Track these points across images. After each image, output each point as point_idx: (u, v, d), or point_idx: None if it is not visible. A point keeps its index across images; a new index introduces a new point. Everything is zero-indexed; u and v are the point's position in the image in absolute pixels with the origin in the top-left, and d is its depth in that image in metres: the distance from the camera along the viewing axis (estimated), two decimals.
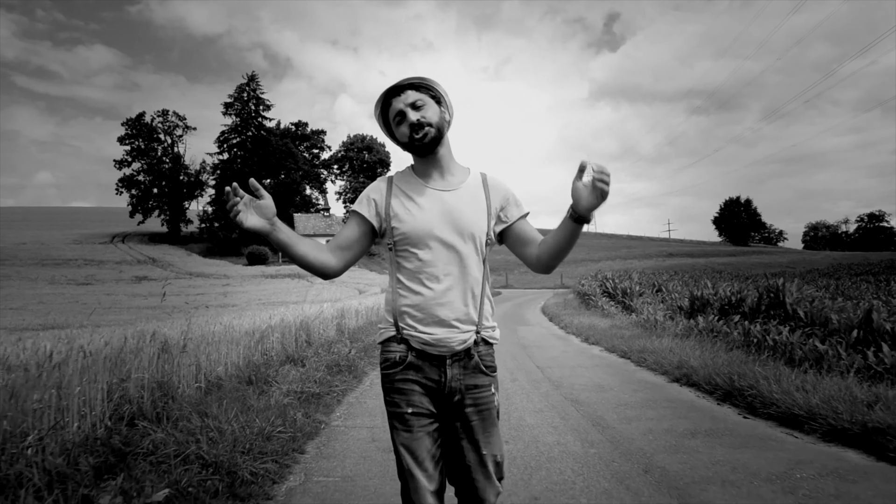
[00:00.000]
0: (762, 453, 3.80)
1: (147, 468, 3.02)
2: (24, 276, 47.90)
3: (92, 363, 3.67)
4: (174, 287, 42.12)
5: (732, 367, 6.01)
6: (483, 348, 1.84)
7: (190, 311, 21.82)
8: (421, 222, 1.79)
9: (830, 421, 4.16)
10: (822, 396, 4.55)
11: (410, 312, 1.78)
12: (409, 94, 1.83)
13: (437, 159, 1.86)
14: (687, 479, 3.34)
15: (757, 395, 5.04)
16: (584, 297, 21.21)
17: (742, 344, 7.91)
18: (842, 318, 7.53)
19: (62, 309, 27.55)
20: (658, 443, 4.09)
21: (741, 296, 10.31)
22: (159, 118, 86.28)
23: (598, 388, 6.24)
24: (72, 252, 66.73)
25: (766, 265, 59.07)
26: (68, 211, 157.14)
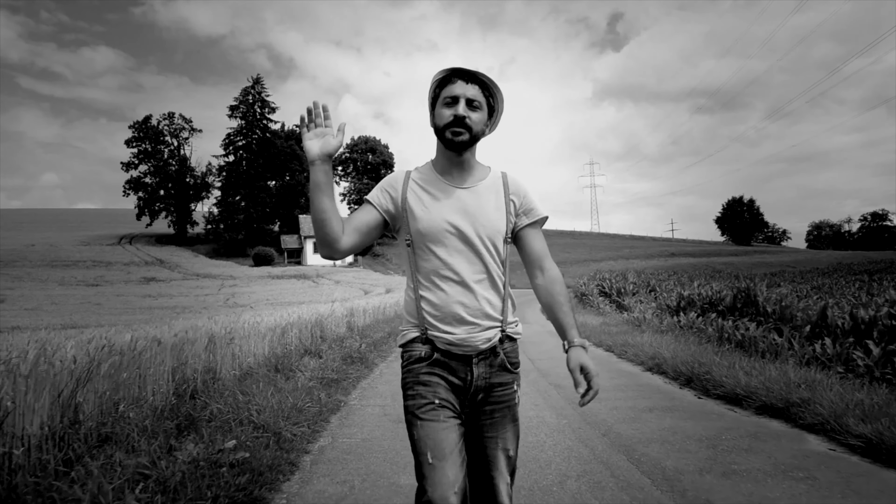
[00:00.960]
0: (701, 422, 4.68)
1: (212, 429, 3.91)
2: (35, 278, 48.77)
3: (160, 350, 4.57)
4: (182, 287, 43.11)
5: (695, 357, 6.89)
6: (508, 345, 1.84)
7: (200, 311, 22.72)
8: (437, 219, 1.78)
9: (762, 398, 5.03)
10: (762, 379, 5.43)
11: (432, 312, 1.78)
12: (474, 88, 1.81)
13: (460, 159, 1.85)
14: (635, 440, 4.22)
15: (710, 379, 5.92)
16: (582, 296, 22.06)
17: (716, 338, 8.79)
18: (803, 315, 8.39)
19: (76, 309, 28.46)
20: (619, 416, 4.97)
21: (720, 295, 11.19)
22: (165, 121, 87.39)
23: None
24: (80, 254, 67.58)
25: (767, 265, 59.69)
26: (75, 212, 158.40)
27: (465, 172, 1.86)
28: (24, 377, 3.22)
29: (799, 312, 8.62)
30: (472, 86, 1.80)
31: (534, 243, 1.90)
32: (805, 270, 44.28)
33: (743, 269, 48.10)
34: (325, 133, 1.75)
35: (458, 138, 1.77)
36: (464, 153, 1.83)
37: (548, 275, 1.90)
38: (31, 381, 3.22)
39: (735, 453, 3.86)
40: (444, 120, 1.78)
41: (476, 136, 1.81)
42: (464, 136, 1.77)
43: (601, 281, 22.68)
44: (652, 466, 3.61)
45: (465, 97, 1.78)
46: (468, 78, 1.81)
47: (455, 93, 1.78)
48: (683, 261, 69.38)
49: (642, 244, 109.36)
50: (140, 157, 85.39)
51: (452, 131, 1.77)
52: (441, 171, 1.87)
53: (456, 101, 1.78)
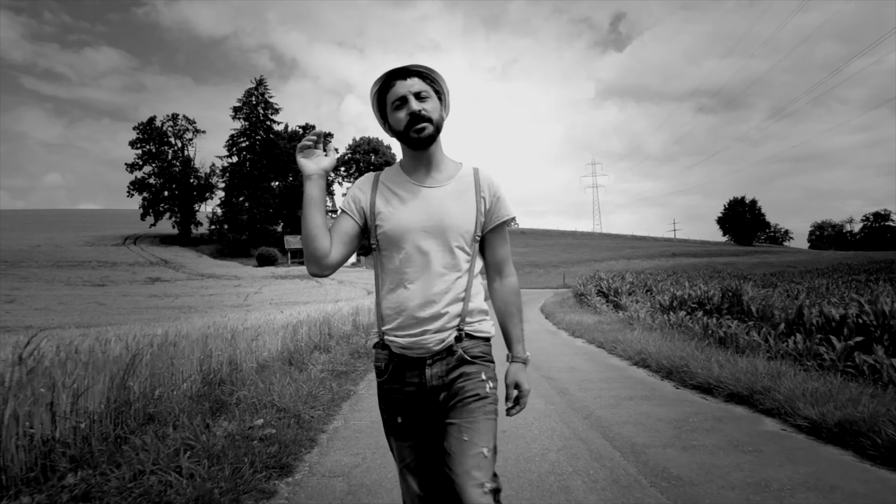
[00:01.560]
0: (674, 408, 5.23)
1: (240, 410, 4.47)
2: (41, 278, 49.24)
3: (189, 343, 5.13)
4: (187, 287, 43.67)
5: (676, 352, 7.44)
6: (468, 343, 1.77)
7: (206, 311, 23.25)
8: (402, 221, 1.76)
9: (731, 387, 5.58)
10: (732, 371, 5.97)
11: (391, 315, 1.76)
12: (415, 82, 1.79)
13: (427, 156, 1.82)
14: (612, 422, 4.77)
15: (687, 371, 6.47)
16: (581, 296, 22.59)
17: (701, 335, 9.33)
18: (780, 314, 8.93)
19: (83, 309, 29.02)
20: (602, 403, 5.52)
21: (708, 295, 11.74)
22: (169, 122, 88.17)
23: (571, 369, 7.66)
24: (85, 254, 68.21)
25: (768, 265, 60.12)
26: (79, 213, 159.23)
27: (433, 170, 1.84)
28: (83, 363, 3.79)
29: (777, 311, 9.17)
30: (412, 80, 1.79)
31: (498, 246, 1.88)
32: (805, 270, 44.65)
33: (744, 270, 48.58)
34: (317, 154, 1.80)
35: (422, 134, 1.76)
36: (430, 148, 1.80)
37: (507, 282, 1.90)
38: (90, 366, 3.79)
39: (697, 432, 4.41)
40: (402, 122, 1.77)
41: (438, 125, 1.79)
42: (428, 129, 1.76)
43: (599, 281, 23.21)
44: (623, 442, 4.16)
45: (412, 92, 1.77)
46: (405, 75, 1.79)
47: (400, 93, 1.77)
48: (685, 261, 69.82)
49: (644, 244, 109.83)
50: (144, 159, 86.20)
51: (415, 129, 1.75)
52: (409, 170, 1.85)
53: (405, 101, 1.76)
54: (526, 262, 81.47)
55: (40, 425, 3.13)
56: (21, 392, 3.06)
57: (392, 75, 1.79)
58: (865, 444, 3.76)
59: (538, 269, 75.66)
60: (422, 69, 1.80)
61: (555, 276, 64.08)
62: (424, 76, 1.81)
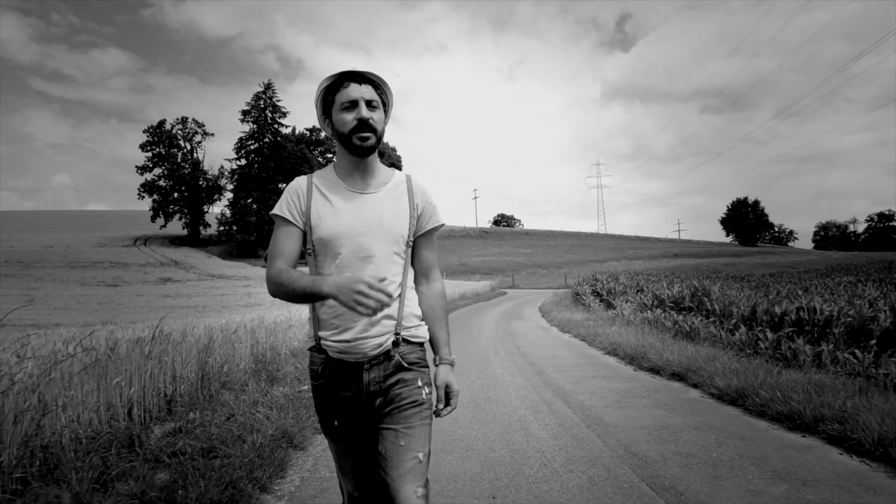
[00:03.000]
0: (625, 384, 6.61)
1: (288, 381, 5.87)
2: (56, 279, 50.42)
3: (244, 332, 6.54)
4: (198, 288, 45.02)
5: (640, 342, 8.82)
6: (405, 348, 1.79)
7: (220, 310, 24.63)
8: (337, 226, 1.76)
9: (674, 368, 6.96)
10: (678, 356, 7.35)
11: (327, 320, 1.76)
12: (368, 89, 1.79)
13: (364, 162, 1.82)
14: (573, 392, 6.15)
15: (644, 357, 7.85)
16: (577, 296, 23.96)
17: (672, 329, 10.69)
18: (737, 311, 10.29)
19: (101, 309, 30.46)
20: (569, 380, 6.90)
21: (681, 295, 13.09)
22: (179, 125, 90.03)
23: (553, 357, 9.04)
24: (97, 255, 69.57)
25: (768, 265, 61.24)
26: (89, 214, 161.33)
27: (368, 176, 1.84)
28: (177, 344, 5.20)
29: (735, 309, 10.52)
30: (366, 86, 1.79)
31: (426, 252, 1.91)
32: (803, 271, 45.67)
33: (744, 270, 49.70)
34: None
35: (366, 143, 1.76)
36: (369, 156, 1.81)
37: (433, 286, 1.93)
38: (182, 346, 5.20)
39: (634, 398, 5.79)
40: (348, 126, 1.76)
41: (380, 137, 1.81)
42: (371, 140, 1.77)
43: (594, 282, 24.57)
44: (577, 405, 5.54)
45: (364, 99, 1.77)
46: (360, 79, 1.79)
47: (352, 96, 1.76)
48: (686, 262, 70.89)
49: (647, 245, 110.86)
50: (154, 161, 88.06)
51: (360, 136, 1.76)
52: (343, 175, 1.84)
53: (355, 105, 1.76)
54: (530, 262, 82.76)
55: (162, 383, 4.53)
56: (147, 362, 4.46)
57: (348, 76, 1.80)
58: (749, 403, 5.14)
59: (541, 269, 76.89)
60: (375, 78, 1.82)
61: (557, 276, 65.26)
62: (376, 86, 1.83)
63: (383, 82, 1.84)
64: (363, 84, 1.79)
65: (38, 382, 3.19)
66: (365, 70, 1.80)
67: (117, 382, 3.97)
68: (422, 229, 1.89)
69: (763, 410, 4.92)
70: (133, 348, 4.33)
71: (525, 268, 77.20)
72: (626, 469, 3.64)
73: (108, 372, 3.96)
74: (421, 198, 1.89)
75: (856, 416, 4.14)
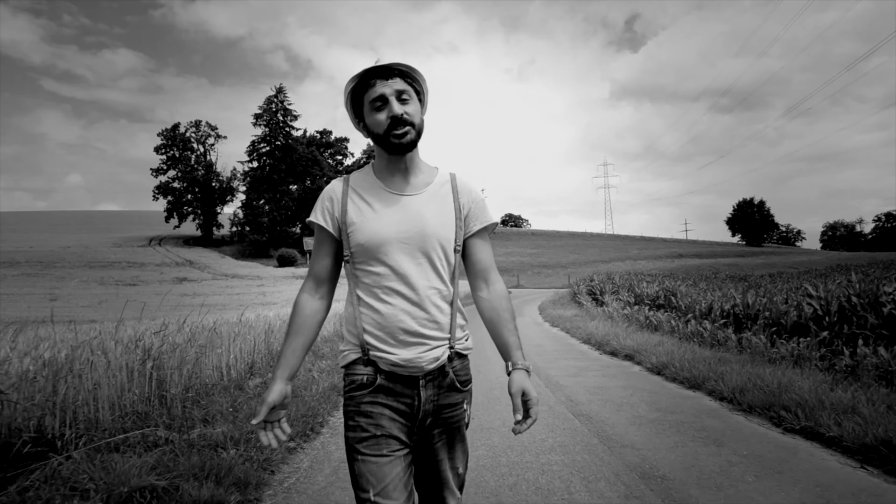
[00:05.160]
0: (587, 362, 8.47)
1: (330, 358, 7.76)
2: (76, 278, 52.34)
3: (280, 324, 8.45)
4: (214, 287, 46.84)
5: (609, 333, 10.67)
6: (457, 363, 1.71)
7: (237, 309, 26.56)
8: (378, 231, 1.64)
9: (628, 351, 8.81)
10: (633, 342, 9.19)
11: (374, 332, 1.63)
12: (396, 82, 1.66)
13: (404, 161, 1.71)
14: (546, 368, 8.00)
15: (608, 343, 9.71)
16: (575, 295, 25.79)
17: (644, 323, 12.53)
18: (698, 307, 12.11)
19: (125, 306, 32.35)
20: (545, 361, 8.76)
21: (655, 293, 14.93)
22: (192, 128, 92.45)
23: (538, 345, 10.91)
24: (114, 255, 71.46)
25: (770, 265, 62.54)
26: (102, 214, 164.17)
27: (410, 176, 1.73)
28: (251, 327, 7.10)
29: (697, 305, 12.34)
30: (393, 80, 1.66)
31: (481, 252, 1.78)
32: (804, 271, 46.99)
33: (745, 270, 51.04)
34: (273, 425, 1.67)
35: (404, 139, 1.65)
36: (408, 154, 1.70)
37: (493, 288, 1.79)
38: (253, 330, 7.09)
39: (589, 371, 7.65)
40: (382, 126, 1.65)
41: (420, 129, 1.68)
42: (410, 135, 1.66)
43: (590, 282, 26.39)
44: (544, 376, 7.40)
45: (394, 93, 1.65)
46: (386, 74, 1.66)
47: (381, 92, 1.64)
48: (689, 262, 72.18)
49: (652, 245, 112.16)
50: (168, 164, 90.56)
51: (396, 135, 1.64)
52: (382, 177, 1.73)
53: (385, 102, 1.65)
54: (535, 262, 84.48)
55: (247, 353, 6.43)
56: (237, 339, 6.35)
57: (371, 73, 1.67)
58: (667, 373, 7.00)
59: (547, 269, 78.54)
60: (404, 67, 1.68)
61: (562, 276, 66.81)
62: (405, 75, 1.69)
63: (412, 70, 1.70)
64: (390, 78, 1.66)
65: (187, 348, 5.10)
66: (390, 62, 1.67)
67: (218, 353, 5.88)
68: (471, 230, 1.76)
69: (675, 377, 6.77)
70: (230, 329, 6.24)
71: (531, 268, 78.88)
72: (563, 408, 5.50)
73: (214, 345, 5.87)
74: (467, 197, 1.77)
75: (725, 376, 5.99)
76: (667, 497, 3.21)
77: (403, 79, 1.68)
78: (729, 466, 3.70)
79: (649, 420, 4.97)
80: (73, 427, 3.48)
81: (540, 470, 3.71)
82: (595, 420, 5.00)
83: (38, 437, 3.25)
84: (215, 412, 4.44)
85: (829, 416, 4.32)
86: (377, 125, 1.67)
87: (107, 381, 3.91)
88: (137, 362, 4.34)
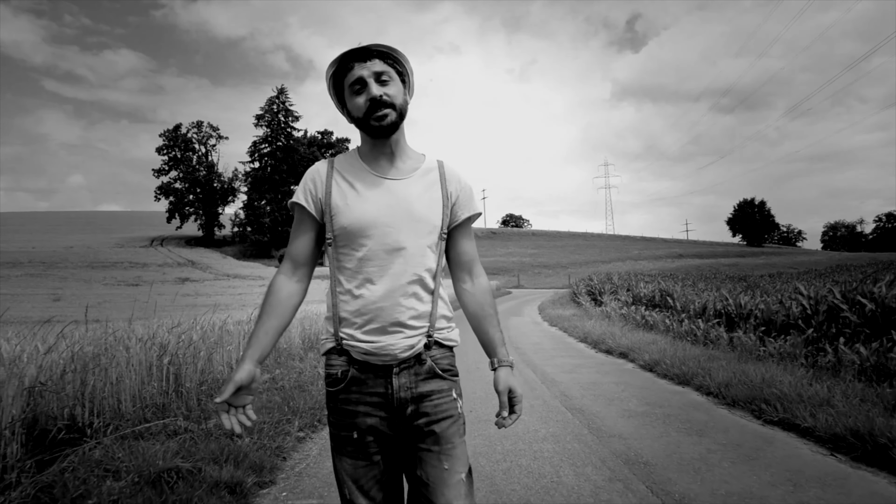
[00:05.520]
0: (582, 360, 8.75)
1: None
2: (79, 278, 52.44)
3: (296, 321, 8.73)
4: (216, 287, 47.13)
5: (605, 332, 10.95)
6: (437, 352, 1.64)
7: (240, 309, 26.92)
8: (362, 215, 1.59)
9: (622, 350, 9.08)
10: (627, 341, 9.47)
11: (350, 319, 1.59)
12: (375, 63, 1.61)
13: (389, 144, 1.66)
14: (541, 365, 8.28)
15: (603, 342, 9.99)
16: (574, 295, 26.07)
17: (640, 322, 12.81)
18: (693, 307, 12.38)
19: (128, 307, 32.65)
20: (542, 358, 9.04)
21: (653, 293, 15.20)
22: (194, 129, 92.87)
23: (536, 343, 11.19)
24: (117, 255, 71.83)
25: (770, 266, 62.83)
26: (104, 215, 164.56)
27: (397, 160, 1.69)
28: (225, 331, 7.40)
29: (692, 305, 12.62)
30: (372, 61, 1.61)
31: (465, 243, 1.75)
32: (802, 271, 47.22)
33: (745, 271, 51.33)
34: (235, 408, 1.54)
35: (384, 121, 1.60)
36: (392, 135, 1.65)
37: (478, 282, 1.76)
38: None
39: (584, 368, 7.93)
40: (362, 109, 1.61)
41: (402, 110, 1.64)
42: (391, 116, 1.60)
43: (589, 282, 26.67)
44: (540, 372, 7.67)
45: (372, 75, 1.60)
46: (364, 56, 1.62)
47: (359, 74, 1.60)
48: (689, 262, 72.43)
49: (653, 246, 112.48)
50: (170, 164, 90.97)
51: (375, 117, 1.59)
52: (368, 160, 1.68)
53: (364, 84, 1.60)
54: (536, 263, 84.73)
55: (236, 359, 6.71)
56: (220, 342, 6.63)
57: (349, 57, 1.62)
58: (658, 370, 7.28)
59: (547, 269, 78.82)
60: (383, 48, 1.63)
61: (562, 276, 67.08)
62: (386, 56, 1.64)
63: (392, 50, 1.65)
64: (369, 60, 1.62)
65: (200, 344, 5.39)
66: (368, 43, 1.62)
67: (228, 350, 6.16)
68: (457, 219, 1.72)
69: (666, 373, 7.05)
70: (237, 327, 6.52)
71: (531, 268, 79.14)
72: (557, 402, 5.78)
73: (224, 342, 6.15)
74: (455, 185, 1.73)
75: (713, 372, 6.27)
76: (647, 480, 3.49)
77: (383, 60, 1.64)
78: (708, 454, 3.98)
79: (638, 413, 5.24)
80: (101, 416, 3.77)
81: (532, 457, 3.99)
82: (587, 413, 5.27)
83: (71, 424, 3.54)
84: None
85: (805, 409, 4.60)
86: (357, 109, 1.63)
87: (128, 376, 4.20)
88: (155, 358, 4.62)
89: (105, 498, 2.78)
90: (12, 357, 3.50)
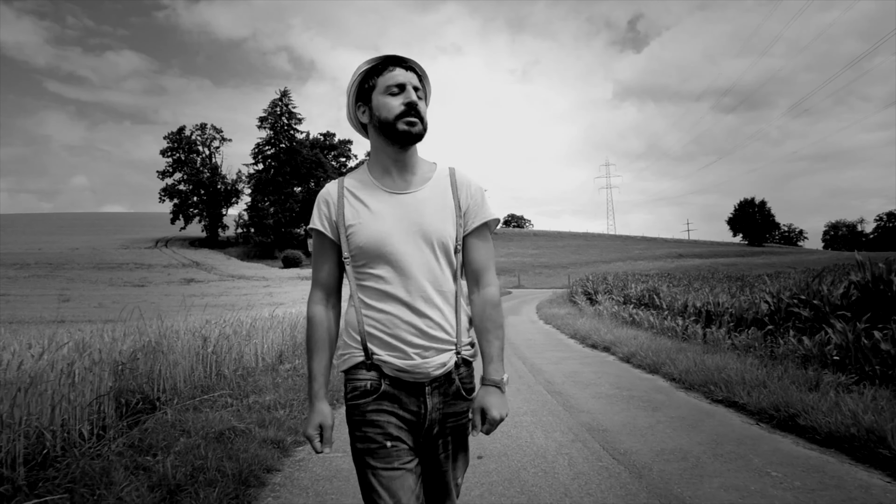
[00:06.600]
0: (569, 353, 9.64)
1: None
2: (86, 279, 53.09)
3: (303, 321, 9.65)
4: (221, 287, 47.81)
5: (592, 328, 11.85)
6: (463, 370, 1.66)
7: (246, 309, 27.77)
8: (376, 232, 1.59)
9: (605, 344, 9.97)
10: (612, 336, 10.37)
11: (378, 336, 1.57)
12: (414, 77, 1.66)
13: (403, 157, 1.66)
14: (531, 357, 9.17)
15: (588, 337, 10.89)
16: (571, 294, 26.98)
17: (628, 320, 13.70)
18: (676, 305, 13.27)
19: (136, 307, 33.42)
20: (533, 352, 9.93)
21: (641, 292, 16.10)
22: (198, 131, 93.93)
23: (529, 339, 12.09)
24: (122, 256, 72.48)
25: (769, 265, 63.39)
26: (108, 216, 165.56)
27: (408, 173, 1.68)
28: (281, 321, 8.29)
29: (675, 303, 13.51)
30: (411, 74, 1.65)
31: (475, 252, 1.71)
32: (802, 270, 47.85)
33: (743, 270, 51.89)
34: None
35: (413, 129, 1.61)
36: (410, 148, 1.66)
37: (485, 292, 1.71)
38: (282, 324, 8.28)
39: (569, 360, 8.82)
40: (395, 110, 1.60)
41: (426, 127, 1.65)
42: (418, 126, 1.62)
43: (585, 282, 27.57)
44: (529, 364, 8.56)
45: (412, 85, 1.64)
46: (406, 66, 1.66)
47: (400, 80, 1.62)
48: (689, 262, 72.96)
49: (653, 246, 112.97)
50: (174, 166, 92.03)
51: (407, 121, 1.60)
52: (378, 175, 1.68)
53: (402, 89, 1.62)
54: (536, 263, 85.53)
55: (277, 344, 7.62)
56: (270, 331, 7.54)
57: (392, 61, 1.66)
58: (634, 361, 8.17)
59: (548, 269, 79.55)
60: (419, 69, 1.69)
61: (563, 276, 67.71)
62: (419, 77, 1.70)
63: (426, 74, 1.70)
64: (409, 71, 1.65)
65: (234, 337, 6.30)
66: (410, 59, 1.66)
67: (255, 343, 7.07)
68: (469, 227, 1.68)
69: (640, 364, 7.95)
70: (263, 324, 7.44)
71: (531, 268, 79.92)
72: (541, 388, 6.68)
73: (251, 336, 7.07)
74: (466, 191, 1.70)
75: (677, 362, 7.17)
76: (602, 441, 4.39)
77: (419, 79, 1.69)
78: (656, 423, 4.88)
79: (608, 395, 6.14)
80: (164, 392, 4.68)
81: (512, 425, 4.89)
82: (564, 395, 6.17)
83: (144, 397, 4.45)
84: (262, 386, 5.65)
85: (744, 389, 5.50)
86: (389, 109, 1.61)
87: (181, 361, 5.11)
88: (200, 347, 5.54)
89: (183, 448, 3.69)
90: (104, 343, 4.40)
